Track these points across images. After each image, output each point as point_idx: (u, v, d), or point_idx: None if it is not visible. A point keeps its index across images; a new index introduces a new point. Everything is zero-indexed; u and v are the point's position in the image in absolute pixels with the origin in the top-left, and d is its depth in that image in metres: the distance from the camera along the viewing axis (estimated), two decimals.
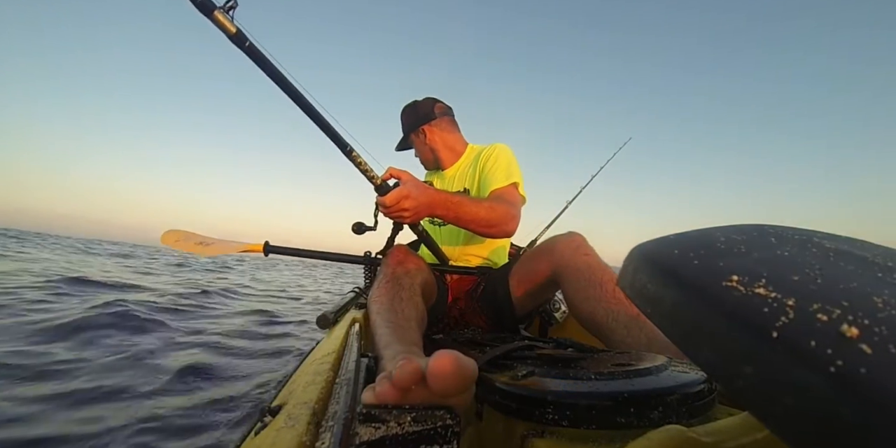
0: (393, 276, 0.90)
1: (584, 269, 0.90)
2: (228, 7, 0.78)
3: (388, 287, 0.87)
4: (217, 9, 0.77)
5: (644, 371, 0.50)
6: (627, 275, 0.26)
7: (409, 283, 0.89)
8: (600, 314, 0.83)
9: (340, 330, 0.98)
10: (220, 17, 0.76)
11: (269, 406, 0.52)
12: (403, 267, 0.94)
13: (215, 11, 0.76)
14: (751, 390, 0.18)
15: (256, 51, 0.81)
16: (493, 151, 1.26)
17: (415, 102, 1.39)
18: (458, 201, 0.97)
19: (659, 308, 0.23)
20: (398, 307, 0.79)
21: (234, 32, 0.78)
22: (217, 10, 0.76)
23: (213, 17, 0.76)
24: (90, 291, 3.57)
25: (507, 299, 1.09)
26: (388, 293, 0.84)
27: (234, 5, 0.78)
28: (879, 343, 0.17)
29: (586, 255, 0.93)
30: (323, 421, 0.41)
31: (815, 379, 0.16)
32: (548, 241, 1.05)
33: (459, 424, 0.38)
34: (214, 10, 0.76)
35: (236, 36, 0.79)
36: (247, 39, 0.80)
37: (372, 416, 0.37)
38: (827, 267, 0.23)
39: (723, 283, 0.21)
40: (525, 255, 1.12)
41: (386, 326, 0.73)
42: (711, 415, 0.47)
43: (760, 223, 0.30)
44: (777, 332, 0.18)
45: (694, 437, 0.31)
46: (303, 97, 0.85)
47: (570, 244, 0.96)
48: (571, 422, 0.44)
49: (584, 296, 0.87)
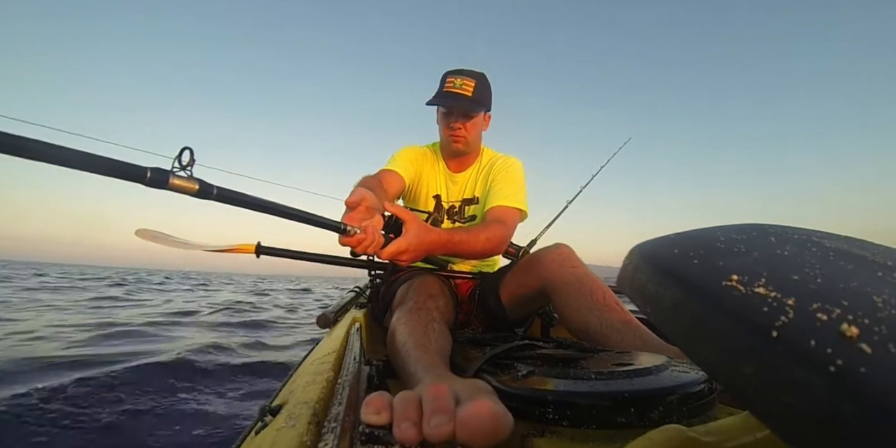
0: (424, 306, 0.89)
1: (572, 281, 0.92)
2: (185, 165, 0.64)
3: (419, 314, 0.85)
4: (171, 175, 0.62)
5: (644, 371, 0.50)
6: (627, 274, 0.26)
7: (438, 316, 0.87)
8: (593, 323, 0.84)
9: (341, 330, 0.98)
10: (178, 182, 0.63)
11: (269, 405, 0.52)
12: (434, 301, 0.93)
13: (171, 179, 0.62)
14: (751, 390, 0.18)
15: (225, 193, 0.70)
16: (508, 165, 1.24)
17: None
18: (458, 241, 0.96)
19: (659, 307, 0.23)
20: (432, 336, 0.77)
21: (197, 189, 0.65)
22: (171, 176, 0.62)
23: (171, 186, 0.63)
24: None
25: (500, 309, 1.11)
26: (420, 320, 0.82)
27: (192, 162, 0.65)
28: (879, 342, 0.17)
29: (574, 268, 0.95)
30: (325, 422, 0.41)
31: (814, 378, 0.16)
32: (536, 254, 1.06)
33: None
34: (169, 177, 0.62)
35: (200, 191, 0.66)
36: (212, 188, 0.68)
37: (375, 437, 0.35)
38: (827, 266, 0.23)
39: (723, 283, 0.21)
40: (515, 267, 1.12)
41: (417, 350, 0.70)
42: (712, 414, 0.47)
43: (760, 223, 0.30)
44: (777, 332, 0.18)
45: (694, 437, 0.31)
46: (281, 208, 0.78)
47: (557, 258, 0.98)
48: (572, 421, 0.44)
49: (575, 307, 0.89)
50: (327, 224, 0.79)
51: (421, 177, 1.24)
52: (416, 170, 1.22)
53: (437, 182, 1.27)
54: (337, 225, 0.78)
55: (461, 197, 1.28)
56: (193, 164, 0.65)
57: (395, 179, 1.14)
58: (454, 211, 1.28)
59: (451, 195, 1.28)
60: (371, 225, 0.81)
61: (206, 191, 0.67)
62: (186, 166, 0.65)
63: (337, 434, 0.36)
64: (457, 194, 1.28)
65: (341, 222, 0.78)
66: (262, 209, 0.77)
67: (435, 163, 1.27)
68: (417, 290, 0.97)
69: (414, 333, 0.76)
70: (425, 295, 0.94)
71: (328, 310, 1.22)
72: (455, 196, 1.28)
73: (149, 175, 0.60)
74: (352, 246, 0.80)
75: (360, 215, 0.81)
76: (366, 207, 0.81)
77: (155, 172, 0.61)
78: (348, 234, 0.78)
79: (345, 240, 0.78)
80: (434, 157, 1.28)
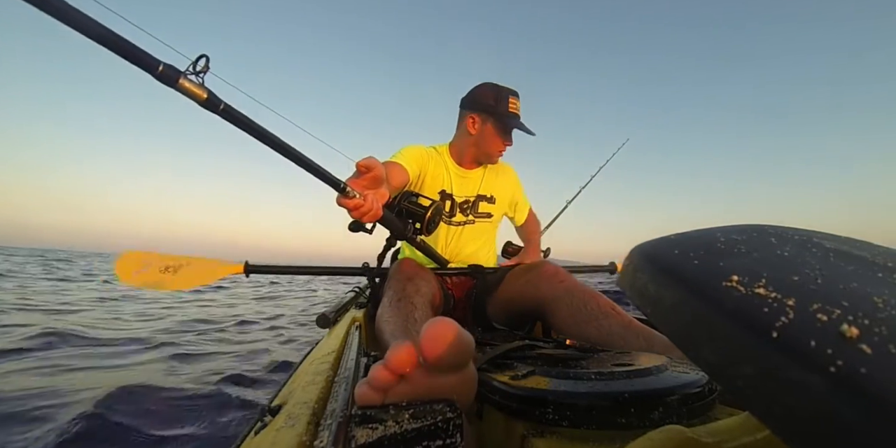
0: (405, 295, 0.89)
1: (564, 296, 0.92)
2: (198, 71, 0.65)
3: (399, 306, 0.85)
4: (182, 75, 0.64)
5: (644, 371, 0.50)
6: (627, 274, 0.26)
7: (420, 302, 0.88)
8: (593, 334, 0.83)
9: (340, 329, 0.98)
10: (188, 85, 0.64)
11: (269, 405, 0.52)
12: (414, 284, 0.93)
13: (180, 79, 0.63)
14: (751, 390, 0.18)
15: (232, 111, 0.70)
16: (512, 171, 1.41)
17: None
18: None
19: (659, 308, 0.23)
20: (413, 328, 0.78)
21: (206, 98, 0.67)
22: (182, 77, 0.64)
23: (179, 87, 0.64)
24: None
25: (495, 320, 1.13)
26: (401, 313, 0.82)
27: (206, 68, 0.66)
28: (879, 343, 0.17)
29: (562, 282, 0.95)
30: (322, 420, 0.41)
31: (815, 379, 0.16)
32: (524, 270, 1.08)
33: (461, 416, 0.36)
34: (180, 77, 0.63)
35: (208, 101, 0.67)
36: (220, 102, 0.69)
37: (368, 417, 0.35)
38: (827, 267, 0.23)
39: (723, 283, 0.21)
40: (505, 281, 1.13)
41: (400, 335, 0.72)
42: (712, 415, 0.47)
43: (760, 223, 0.30)
44: (777, 332, 0.18)
45: (694, 438, 0.31)
46: (285, 145, 0.77)
47: (544, 275, 0.99)
48: (572, 422, 0.44)
49: (572, 321, 0.88)
50: (328, 178, 0.78)
51: (426, 173, 1.26)
52: (419, 166, 1.23)
53: (444, 178, 1.29)
54: (338, 182, 0.77)
55: (475, 192, 1.32)
56: (207, 72, 0.66)
57: (400, 172, 1.14)
58: (467, 205, 1.31)
59: (464, 190, 1.31)
60: (373, 195, 0.80)
61: (214, 103, 0.68)
62: (200, 72, 0.66)
63: (332, 430, 0.36)
64: (470, 190, 1.32)
65: (343, 181, 0.77)
66: (264, 140, 0.75)
67: (440, 161, 1.29)
68: (395, 275, 0.97)
69: (396, 328, 0.77)
70: (404, 279, 0.94)
71: (328, 310, 1.22)
72: (469, 191, 1.31)
73: (161, 68, 0.62)
74: (348, 208, 0.78)
75: (366, 183, 0.80)
76: (374, 176, 0.79)
77: (168, 68, 0.63)
78: (347, 195, 0.76)
79: (343, 200, 0.77)
80: (438, 156, 1.30)
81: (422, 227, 1.03)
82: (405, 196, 1.06)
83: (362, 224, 0.99)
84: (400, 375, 0.38)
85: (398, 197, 1.06)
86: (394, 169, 1.12)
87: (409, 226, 1.03)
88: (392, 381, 0.37)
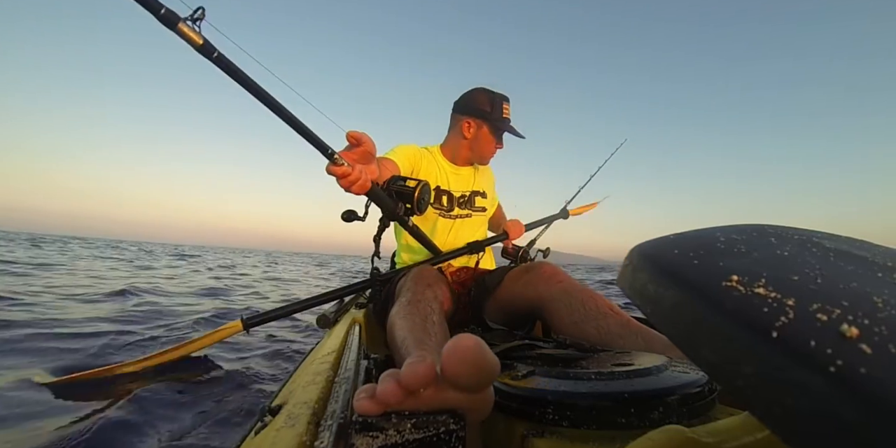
0: (423, 298, 0.88)
1: (562, 297, 0.92)
2: (195, 18, 0.74)
3: (417, 307, 0.84)
4: (181, 21, 0.72)
5: (644, 371, 0.50)
6: (627, 274, 0.26)
7: (437, 307, 0.87)
8: (592, 333, 0.83)
9: (341, 329, 0.98)
10: (186, 30, 0.72)
11: (269, 406, 0.52)
12: (432, 290, 0.93)
13: (179, 24, 0.72)
14: (751, 390, 0.18)
15: (225, 60, 0.78)
16: (490, 169, 1.48)
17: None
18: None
19: (658, 308, 0.23)
20: (431, 330, 0.77)
21: (201, 44, 0.74)
22: (181, 22, 0.72)
23: (178, 30, 0.72)
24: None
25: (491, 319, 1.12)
26: (419, 313, 0.81)
27: (202, 16, 0.74)
28: (879, 343, 0.17)
29: (560, 283, 0.95)
30: (322, 420, 0.41)
31: (814, 379, 0.16)
32: (522, 271, 1.08)
33: (465, 429, 0.35)
34: (179, 22, 0.72)
35: (203, 47, 0.75)
36: (214, 50, 0.76)
37: (368, 424, 0.34)
38: (827, 267, 0.23)
39: (723, 283, 0.21)
40: (505, 279, 1.13)
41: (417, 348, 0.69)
42: (712, 415, 0.47)
43: (760, 223, 0.30)
44: (777, 332, 0.18)
45: (694, 438, 0.31)
46: (277, 104, 0.81)
47: (543, 276, 0.99)
48: (572, 422, 0.44)
49: (570, 321, 0.88)
50: (318, 143, 0.81)
51: (419, 171, 1.28)
52: (412, 163, 1.26)
53: (437, 175, 1.33)
54: (326, 148, 0.79)
55: (470, 188, 1.38)
56: (202, 20, 0.74)
57: (392, 167, 1.16)
58: (464, 199, 1.37)
59: (460, 186, 1.37)
60: (362, 167, 0.81)
61: (209, 49, 0.75)
62: (197, 20, 0.74)
63: (333, 431, 0.36)
64: (465, 185, 1.38)
65: (332, 149, 0.79)
66: (256, 94, 0.80)
67: (432, 160, 1.34)
68: (415, 279, 0.97)
69: (414, 330, 0.76)
70: (423, 284, 0.94)
71: (328, 310, 1.22)
72: (464, 187, 1.37)
73: (163, 11, 0.70)
74: (336, 176, 0.80)
75: (356, 156, 0.81)
76: (364, 151, 0.80)
77: (170, 12, 0.71)
78: (336, 163, 0.78)
79: (331, 168, 0.78)
80: (431, 155, 1.35)
81: (412, 206, 1.04)
82: (392, 180, 1.07)
83: (355, 212, 1.02)
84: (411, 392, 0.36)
85: (385, 183, 1.07)
86: (387, 164, 1.14)
87: (399, 205, 1.05)
88: (400, 397, 0.35)
